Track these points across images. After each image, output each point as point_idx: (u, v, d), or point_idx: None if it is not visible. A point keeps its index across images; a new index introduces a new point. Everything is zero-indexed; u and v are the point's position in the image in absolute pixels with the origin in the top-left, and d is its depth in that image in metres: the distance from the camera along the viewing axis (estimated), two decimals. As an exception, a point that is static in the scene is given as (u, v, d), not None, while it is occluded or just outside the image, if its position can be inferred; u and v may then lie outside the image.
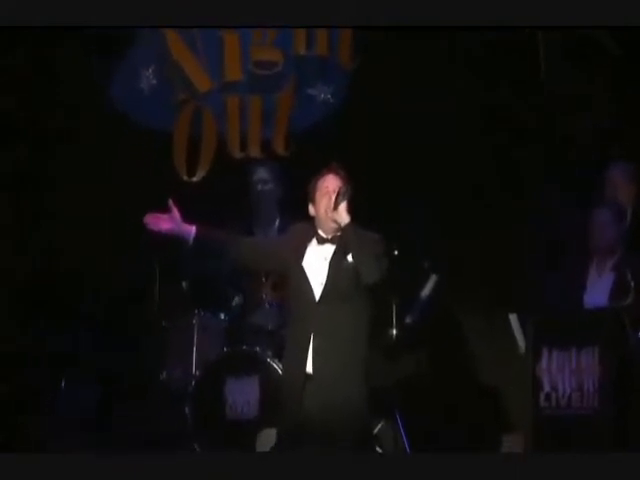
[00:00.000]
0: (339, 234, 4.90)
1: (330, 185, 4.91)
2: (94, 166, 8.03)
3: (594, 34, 8.04)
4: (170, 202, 5.00)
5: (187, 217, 5.03)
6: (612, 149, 7.69)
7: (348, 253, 4.86)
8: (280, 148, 7.97)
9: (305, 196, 5.04)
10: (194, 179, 7.97)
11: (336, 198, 4.84)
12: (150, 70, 8.13)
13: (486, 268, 7.33)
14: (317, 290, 4.91)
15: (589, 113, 8.09)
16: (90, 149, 8.16)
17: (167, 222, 5.01)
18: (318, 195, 4.93)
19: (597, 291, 6.41)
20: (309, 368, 4.86)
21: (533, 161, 7.94)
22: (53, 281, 8.04)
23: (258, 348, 6.78)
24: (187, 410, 6.81)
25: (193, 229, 4.99)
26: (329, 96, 8.03)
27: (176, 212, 5.00)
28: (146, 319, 7.45)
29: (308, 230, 5.00)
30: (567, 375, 5.96)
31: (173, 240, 5.13)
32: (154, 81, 8.11)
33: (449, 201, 7.63)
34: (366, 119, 7.80)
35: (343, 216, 4.82)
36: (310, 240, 4.97)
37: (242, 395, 6.74)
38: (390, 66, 7.98)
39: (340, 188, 4.85)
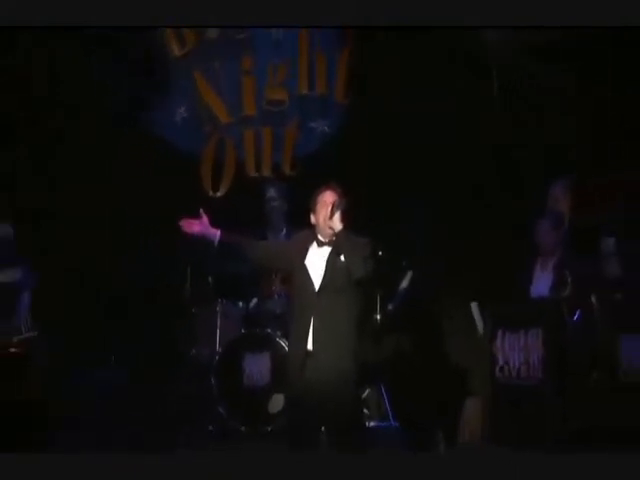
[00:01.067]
0: (334, 238, 4.82)
1: (327, 199, 4.84)
2: (136, 183, 7.68)
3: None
4: (201, 210, 4.95)
5: (212, 225, 5.00)
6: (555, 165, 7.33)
7: (341, 254, 4.80)
8: (287, 169, 8.13)
9: (307, 208, 4.97)
10: (218, 194, 8.02)
11: (332, 209, 4.77)
12: (183, 109, 8.20)
13: (453, 264, 7.15)
14: (316, 283, 4.84)
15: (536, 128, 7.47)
16: (132, 168, 7.69)
17: (198, 226, 4.95)
18: (318, 207, 4.87)
19: (541, 285, 6.41)
20: (309, 346, 4.79)
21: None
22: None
23: (269, 329, 6.84)
24: (212, 380, 6.81)
25: (218, 233, 4.94)
26: (326, 128, 8.08)
27: (205, 218, 4.95)
28: (179, 307, 7.44)
29: (310, 235, 4.92)
30: (517, 352, 5.96)
31: (202, 243, 5.05)
32: (185, 115, 8.19)
33: (430, 208, 7.45)
34: (357, 144, 7.75)
35: (337, 224, 4.76)
36: (311, 243, 4.90)
37: (256, 367, 6.76)
38: (386, 69, 7.62)
39: (335, 201, 4.79)
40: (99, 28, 6.58)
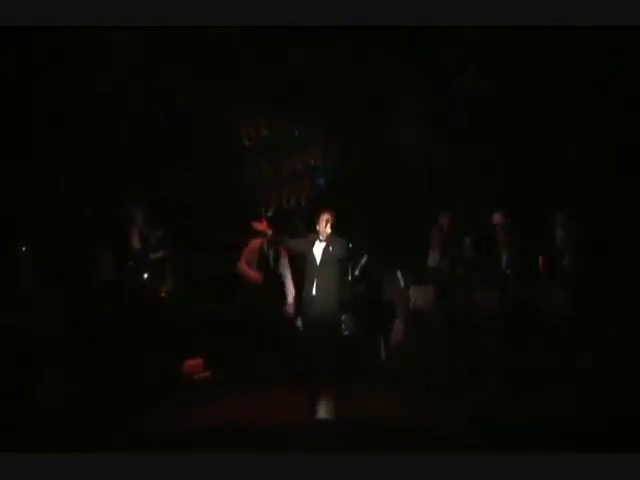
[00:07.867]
0: (327, 238, 4.91)
1: (324, 217, 4.94)
2: (234, 207, 6.54)
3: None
4: (263, 218, 5.15)
5: (267, 227, 5.04)
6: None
7: (330, 246, 4.89)
8: (303, 203, 7.49)
9: (314, 222, 5.03)
10: (269, 214, 7.16)
11: (326, 222, 4.91)
12: (251, 171, 7.47)
13: (389, 251, 6.41)
14: (318, 261, 4.92)
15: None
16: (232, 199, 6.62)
17: (261, 225, 5.05)
18: (320, 221, 4.96)
19: (432, 262, 6.40)
20: (314, 292, 4.88)
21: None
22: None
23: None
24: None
25: (270, 231, 5.05)
26: (322, 181, 7.52)
27: (265, 222, 5.08)
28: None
29: (316, 236, 5.00)
30: (420, 296, 5.94)
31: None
32: (252, 174, 7.43)
33: (378, 224, 6.56)
34: (337, 190, 7.16)
35: (328, 230, 4.91)
36: (316, 240, 4.97)
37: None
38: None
39: (328, 219, 4.92)
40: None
